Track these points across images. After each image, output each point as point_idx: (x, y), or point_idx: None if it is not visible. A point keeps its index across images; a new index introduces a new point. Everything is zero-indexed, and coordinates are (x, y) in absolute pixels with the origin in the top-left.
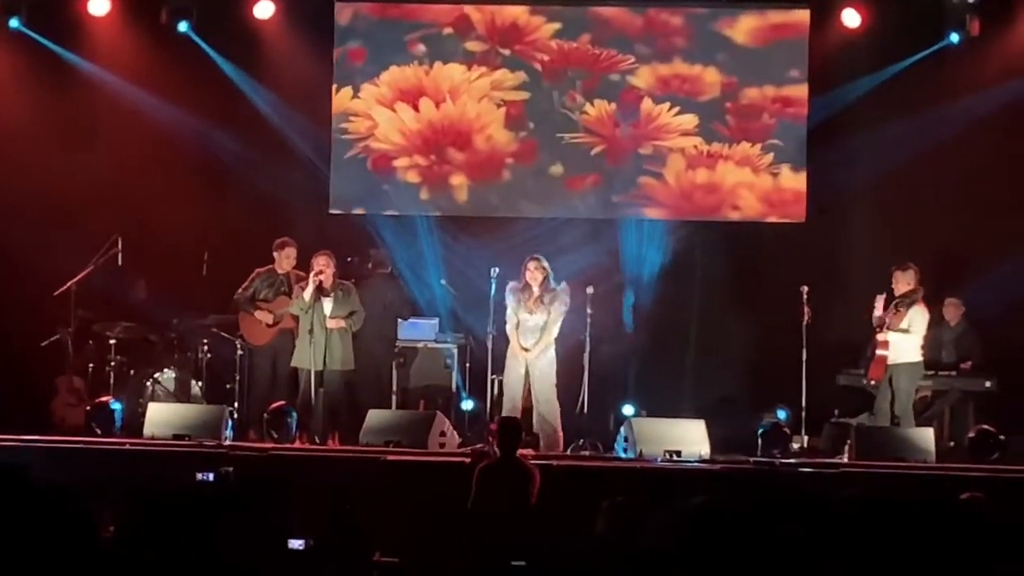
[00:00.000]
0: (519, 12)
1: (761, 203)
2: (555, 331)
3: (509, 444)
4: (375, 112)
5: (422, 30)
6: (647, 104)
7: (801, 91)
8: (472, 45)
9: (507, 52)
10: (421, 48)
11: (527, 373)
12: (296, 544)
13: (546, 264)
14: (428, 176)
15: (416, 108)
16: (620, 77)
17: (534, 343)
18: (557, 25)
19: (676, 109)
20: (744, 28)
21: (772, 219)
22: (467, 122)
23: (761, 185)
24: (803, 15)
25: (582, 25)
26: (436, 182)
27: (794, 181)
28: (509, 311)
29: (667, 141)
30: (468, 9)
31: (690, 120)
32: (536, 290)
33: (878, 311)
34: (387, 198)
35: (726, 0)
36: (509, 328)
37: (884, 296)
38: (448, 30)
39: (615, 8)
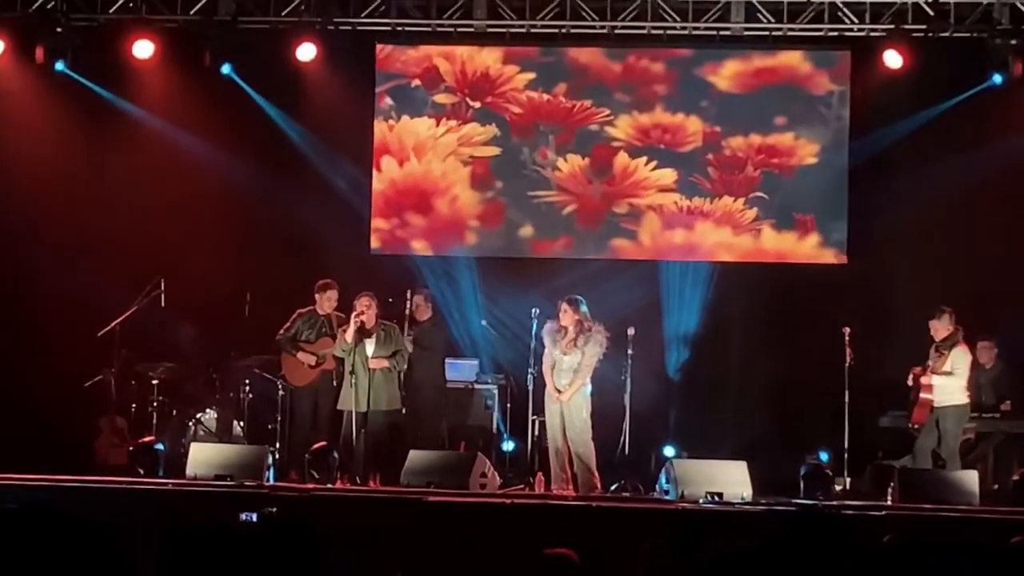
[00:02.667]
0: (491, 61)
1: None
2: (588, 372)
3: None
4: None
5: (392, 82)
6: (623, 159)
7: (787, 139)
8: (441, 98)
9: (477, 104)
10: (388, 102)
11: (562, 416)
12: None
13: (581, 304)
14: (388, 241)
15: (379, 168)
16: (598, 128)
17: (567, 384)
18: (531, 75)
19: (654, 163)
20: (728, 74)
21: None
22: (431, 182)
23: (740, 246)
24: (789, 58)
25: (558, 74)
26: (396, 248)
27: (776, 241)
28: (546, 352)
29: (643, 198)
30: (437, 60)
31: (668, 175)
32: (571, 331)
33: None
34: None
35: (767, 43)
36: (545, 369)
37: (918, 369)
38: (416, 82)
39: (593, 54)
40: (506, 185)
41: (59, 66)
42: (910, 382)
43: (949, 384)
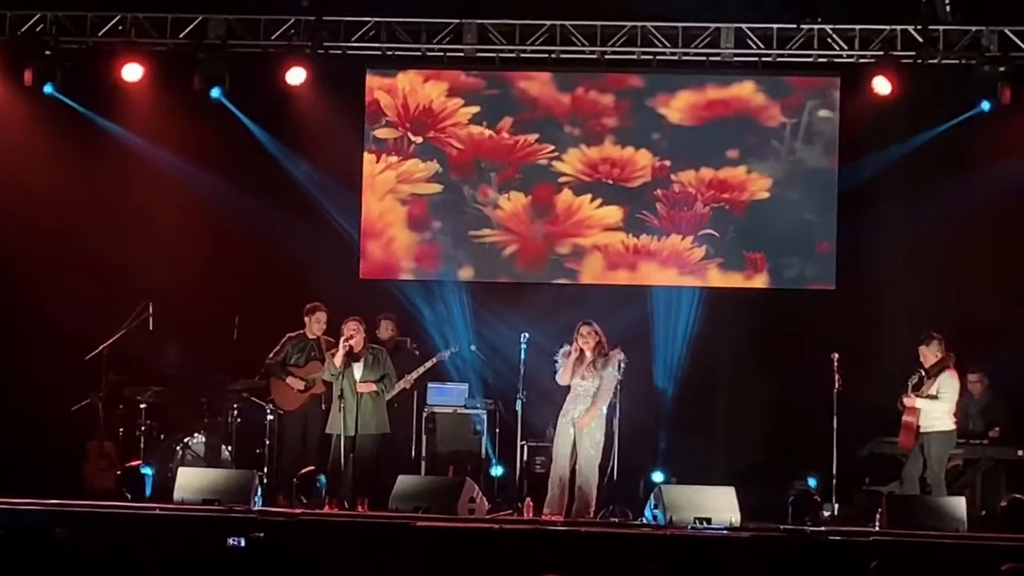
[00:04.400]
0: (435, 94)
1: None
2: (607, 397)
3: None
4: None
5: None
6: (566, 196)
7: (739, 173)
8: (382, 132)
9: (419, 139)
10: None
11: (575, 438)
12: None
13: (598, 328)
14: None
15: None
16: (545, 163)
17: (585, 409)
18: (475, 109)
19: (599, 201)
20: (680, 106)
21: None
22: (368, 223)
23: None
24: (741, 89)
25: (504, 107)
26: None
27: (722, 281)
28: (563, 367)
29: (588, 237)
30: (378, 93)
31: (614, 212)
32: (589, 355)
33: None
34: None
35: (758, 69)
36: (563, 377)
37: (916, 377)
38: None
39: (543, 85)
40: (445, 225)
41: (48, 89)
42: (900, 407)
43: (935, 409)
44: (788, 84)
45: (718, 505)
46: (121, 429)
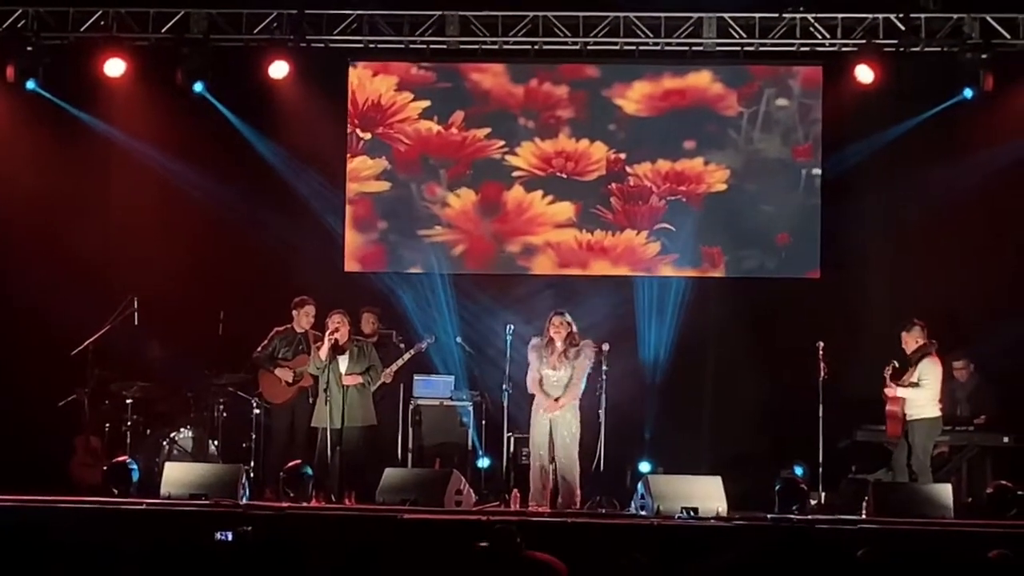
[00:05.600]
0: (384, 88)
1: None
2: (581, 386)
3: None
4: None
5: None
6: (517, 193)
7: (696, 165)
8: None
9: (368, 136)
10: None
11: (551, 429)
12: None
13: (570, 319)
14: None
15: None
16: (499, 157)
17: (559, 397)
18: (425, 103)
19: (551, 197)
20: (636, 96)
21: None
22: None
23: None
24: (698, 78)
25: (456, 101)
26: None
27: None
28: (532, 367)
29: (539, 235)
30: None
31: (566, 209)
32: (560, 345)
33: (888, 386)
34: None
35: (742, 59)
36: (532, 384)
37: (890, 368)
38: None
39: (496, 77)
40: (393, 224)
41: (30, 85)
42: (885, 398)
43: (919, 397)
44: (746, 72)
45: (705, 494)
46: (107, 424)
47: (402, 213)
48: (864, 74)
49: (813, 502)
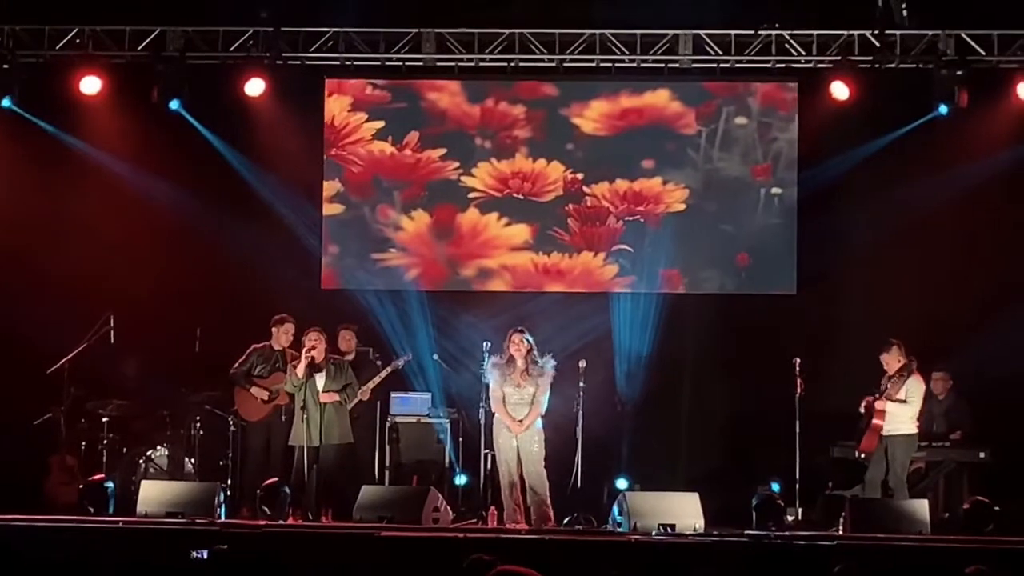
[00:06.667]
0: (338, 109)
1: None
2: (545, 402)
3: None
4: None
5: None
6: (472, 215)
7: (655, 184)
8: None
9: (322, 158)
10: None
11: (518, 446)
12: None
13: (529, 337)
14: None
15: None
16: (455, 179)
17: (524, 416)
18: (379, 124)
19: (507, 219)
20: (594, 115)
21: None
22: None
23: None
24: (656, 97)
25: (410, 121)
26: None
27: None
28: (493, 386)
29: (494, 258)
30: None
31: (522, 231)
32: (520, 363)
33: (879, 400)
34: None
35: (718, 74)
36: (495, 404)
37: (871, 397)
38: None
39: (452, 97)
40: (346, 248)
41: (6, 103)
42: (862, 410)
43: (900, 412)
44: (704, 90)
45: (682, 511)
46: (83, 443)
47: (355, 236)
48: (839, 90)
49: (790, 518)
